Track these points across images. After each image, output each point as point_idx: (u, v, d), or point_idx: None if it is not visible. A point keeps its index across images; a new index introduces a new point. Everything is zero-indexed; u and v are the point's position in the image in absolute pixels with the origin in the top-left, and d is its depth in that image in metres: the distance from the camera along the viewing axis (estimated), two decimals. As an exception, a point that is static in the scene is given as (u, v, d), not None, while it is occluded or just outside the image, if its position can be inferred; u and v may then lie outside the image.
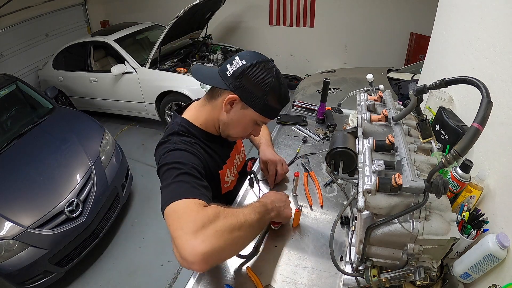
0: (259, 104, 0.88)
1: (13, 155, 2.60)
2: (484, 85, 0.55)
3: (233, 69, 0.87)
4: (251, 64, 0.85)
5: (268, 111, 0.91)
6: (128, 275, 2.48)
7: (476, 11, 1.07)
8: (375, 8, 4.45)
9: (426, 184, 0.59)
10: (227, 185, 1.08)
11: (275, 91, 0.88)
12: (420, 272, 0.66)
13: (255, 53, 0.90)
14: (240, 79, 0.86)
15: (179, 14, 3.50)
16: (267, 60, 0.89)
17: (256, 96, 0.87)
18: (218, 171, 1.01)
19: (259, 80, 0.85)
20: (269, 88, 0.86)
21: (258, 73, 0.85)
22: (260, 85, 0.86)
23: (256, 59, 0.87)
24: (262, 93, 0.87)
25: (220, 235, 0.64)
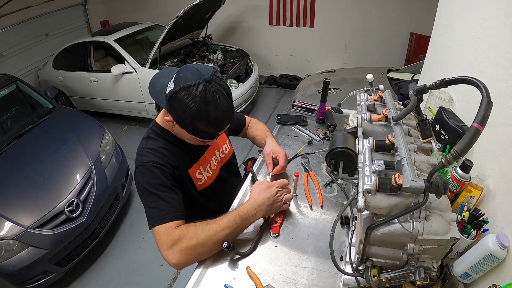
0: (190, 128, 0.90)
1: (13, 155, 2.60)
2: (484, 85, 0.55)
3: (168, 89, 0.88)
4: (176, 90, 0.84)
5: (201, 134, 0.92)
6: (128, 275, 2.48)
7: (476, 11, 1.07)
8: (375, 8, 4.45)
9: (426, 184, 0.59)
10: (201, 182, 1.11)
11: (201, 117, 0.85)
12: (420, 272, 0.66)
13: (190, 72, 0.86)
14: (170, 103, 0.87)
15: (179, 14, 3.50)
16: (197, 82, 0.83)
17: (185, 121, 0.88)
18: (187, 170, 1.05)
19: (183, 106, 0.84)
20: (193, 115, 0.85)
21: (182, 100, 0.84)
22: (185, 112, 0.85)
23: (184, 81, 0.84)
24: (189, 118, 0.86)
25: (184, 253, 0.87)
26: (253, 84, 4.22)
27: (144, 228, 2.89)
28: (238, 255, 0.95)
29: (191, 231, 0.89)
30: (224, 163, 1.24)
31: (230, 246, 0.91)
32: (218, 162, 1.20)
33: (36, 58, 5.03)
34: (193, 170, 1.07)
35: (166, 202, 0.92)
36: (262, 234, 1.02)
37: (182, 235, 0.88)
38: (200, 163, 1.10)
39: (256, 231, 1.03)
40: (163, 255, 0.89)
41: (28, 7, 4.82)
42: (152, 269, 2.50)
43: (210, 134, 0.93)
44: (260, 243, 1.00)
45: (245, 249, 0.97)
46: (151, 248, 2.66)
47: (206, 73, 0.85)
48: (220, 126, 0.91)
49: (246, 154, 3.68)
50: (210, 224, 0.92)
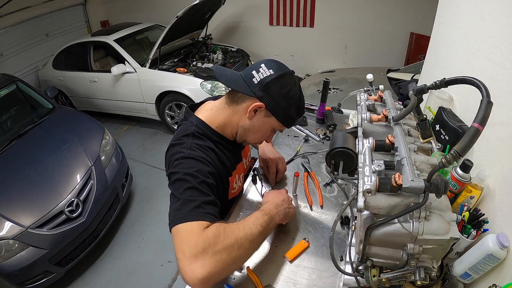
0: (282, 114, 0.92)
1: (13, 155, 2.60)
2: (484, 85, 0.55)
3: (260, 77, 0.88)
4: (279, 75, 0.88)
5: (288, 120, 0.95)
6: (128, 275, 2.48)
7: (476, 11, 1.07)
8: (375, 8, 4.45)
9: (426, 184, 0.59)
10: (234, 191, 1.08)
11: (297, 102, 0.92)
12: (420, 272, 0.66)
13: (280, 63, 0.92)
14: (268, 88, 0.88)
15: (179, 14, 3.50)
16: (291, 71, 0.92)
17: (281, 106, 0.90)
18: (228, 177, 1.01)
19: (286, 91, 0.89)
20: (293, 99, 0.91)
21: (286, 84, 0.89)
22: (286, 96, 0.89)
23: (282, 70, 0.89)
24: (287, 103, 0.90)
25: (219, 258, 0.67)
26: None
27: (144, 228, 2.91)
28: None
29: (226, 229, 0.72)
30: (246, 172, 1.21)
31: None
32: (244, 170, 1.17)
33: (36, 58, 5.03)
34: (233, 178, 1.03)
35: (206, 200, 0.77)
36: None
37: (217, 233, 0.70)
38: (237, 171, 1.06)
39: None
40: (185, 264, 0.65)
41: (28, 7, 4.82)
42: (152, 269, 2.50)
43: (293, 120, 0.98)
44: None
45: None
46: (151, 248, 2.67)
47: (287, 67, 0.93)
48: (302, 114, 0.99)
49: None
50: (241, 223, 0.80)
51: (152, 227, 2.83)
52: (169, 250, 2.55)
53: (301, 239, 1.00)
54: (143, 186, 3.34)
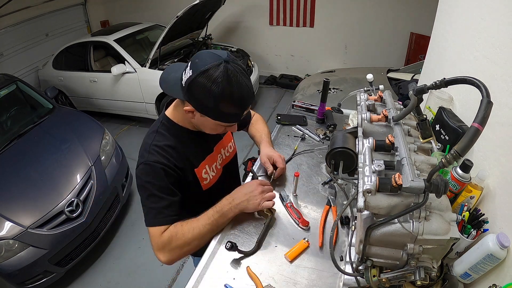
0: (213, 113, 0.87)
1: (13, 155, 2.60)
2: (484, 85, 0.55)
3: (185, 79, 0.85)
4: (197, 74, 0.81)
5: (225, 117, 0.89)
6: (128, 275, 2.48)
7: (476, 11, 1.07)
8: (375, 8, 4.45)
9: (426, 184, 0.59)
10: (206, 182, 1.10)
11: (226, 98, 0.83)
12: (420, 272, 0.66)
13: (207, 55, 0.84)
14: (190, 91, 0.85)
15: (179, 14, 3.50)
16: (216, 63, 0.81)
17: (207, 106, 0.85)
18: (194, 169, 1.04)
19: (206, 90, 0.82)
20: (218, 98, 0.82)
21: (203, 85, 0.81)
22: (208, 97, 0.83)
23: (203, 65, 0.81)
24: (213, 102, 0.83)
25: (173, 253, 0.95)
26: (253, 84, 4.21)
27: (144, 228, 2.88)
28: (241, 254, 0.95)
29: (178, 232, 0.94)
30: (227, 162, 1.23)
31: (233, 247, 0.92)
32: (223, 160, 1.19)
33: (36, 58, 5.03)
34: (200, 170, 1.05)
35: (164, 205, 0.94)
36: (265, 232, 1.02)
37: (171, 237, 0.93)
38: (207, 161, 1.08)
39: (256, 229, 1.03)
40: (155, 253, 0.96)
41: (28, 7, 4.82)
42: (152, 269, 2.50)
43: (235, 115, 0.90)
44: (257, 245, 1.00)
45: (247, 248, 0.97)
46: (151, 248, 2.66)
47: (222, 55, 0.83)
48: (244, 105, 0.89)
49: (246, 154, 3.68)
50: (193, 223, 0.96)
51: (152, 227, 2.82)
52: (169, 250, 2.55)
53: (301, 239, 1.00)
54: (143, 186, 3.33)
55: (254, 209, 1.03)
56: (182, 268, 2.48)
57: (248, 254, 0.96)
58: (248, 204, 1.00)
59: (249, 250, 0.96)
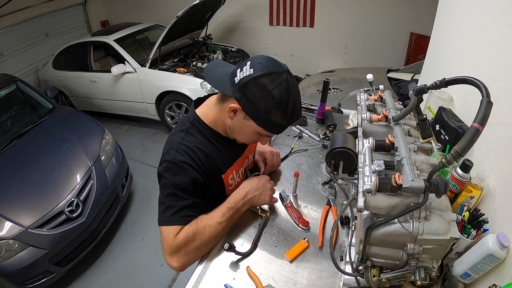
0: (261, 119, 0.83)
1: (13, 155, 2.60)
2: (484, 85, 0.55)
3: (241, 76, 0.81)
4: (259, 75, 0.79)
5: (271, 126, 0.86)
6: (128, 275, 2.48)
7: (476, 11, 1.07)
8: (375, 8, 4.45)
9: (426, 184, 0.59)
10: (231, 187, 1.07)
11: (281, 107, 0.81)
12: (420, 272, 0.66)
13: (269, 60, 0.83)
14: (244, 89, 0.81)
15: (179, 14, 3.50)
16: (280, 71, 0.80)
17: (259, 110, 0.82)
18: (221, 175, 1.00)
19: (264, 94, 0.79)
20: (274, 104, 0.80)
21: (265, 86, 0.79)
22: (265, 100, 0.80)
23: (266, 68, 0.79)
24: (266, 108, 0.81)
25: (188, 255, 0.90)
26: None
27: (144, 228, 2.91)
28: (239, 256, 0.95)
29: (194, 232, 0.89)
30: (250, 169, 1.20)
31: (232, 247, 0.92)
32: (248, 166, 1.16)
33: (36, 58, 5.03)
34: (227, 175, 1.02)
35: (184, 205, 0.90)
36: (261, 233, 1.03)
37: (187, 238, 0.88)
38: (234, 167, 1.05)
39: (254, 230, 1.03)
40: (166, 258, 0.90)
41: (28, 7, 4.82)
42: (152, 269, 2.50)
43: (280, 127, 0.87)
44: (260, 243, 1.00)
45: (244, 249, 0.97)
46: (151, 248, 2.67)
47: (284, 65, 0.83)
48: (293, 120, 0.86)
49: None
50: (208, 220, 0.92)
51: (152, 227, 2.82)
52: (169, 250, 2.55)
53: (301, 239, 1.00)
54: (143, 186, 3.34)
55: (263, 203, 1.04)
56: (182, 268, 2.47)
57: (245, 255, 0.96)
58: (259, 198, 1.01)
59: (245, 252, 0.96)
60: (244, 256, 0.95)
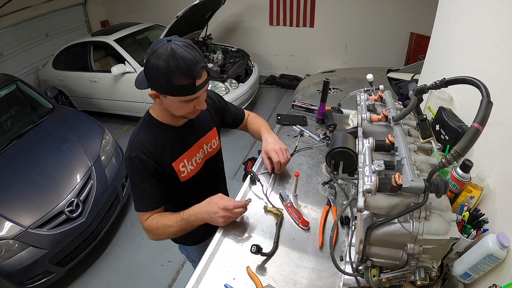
0: (171, 89, 0.92)
1: (13, 155, 2.59)
2: (484, 85, 0.55)
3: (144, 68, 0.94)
4: (148, 58, 0.90)
5: (181, 91, 0.93)
6: (128, 275, 2.48)
7: (476, 11, 1.07)
8: (375, 8, 4.45)
9: (426, 184, 0.59)
10: (184, 174, 1.14)
11: (174, 71, 0.88)
12: (420, 272, 0.66)
13: (155, 41, 0.92)
14: (147, 75, 0.93)
15: (179, 14, 3.50)
16: (160, 45, 0.89)
17: (164, 85, 0.91)
18: (171, 164, 1.10)
19: (155, 68, 0.88)
20: (166, 72, 0.88)
21: (153, 64, 0.88)
22: (159, 74, 0.89)
23: (151, 50, 0.90)
24: (166, 79, 0.89)
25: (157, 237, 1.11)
26: (253, 84, 4.22)
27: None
28: (264, 257, 0.95)
29: (154, 224, 1.07)
30: (210, 157, 1.26)
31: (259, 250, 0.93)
32: (205, 155, 1.23)
33: (36, 58, 5.03)
34: (177, 163, 1.11)
35: (146, 194, 1.07)
36: (279, 231, 1.03)
37: (151, 226, 1.07)
38: (185, 156, 1.13)
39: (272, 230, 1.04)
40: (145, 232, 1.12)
41: (28, 7, 4.81)
42: (152, 269, 2.50)
43: (189, 86, 0.92)
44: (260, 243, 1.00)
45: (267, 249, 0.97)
46: (151, 248, 2.67)
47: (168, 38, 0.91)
48: (193, 73, 0.90)
49: (246, 154, 3.68)
50: (164, 220, 1.06)
51: (152, 227, 2.82)
52: (169, 250, 2.55)
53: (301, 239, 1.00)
54: (143, 186, 3.33)
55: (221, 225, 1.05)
56: (182, 268, 2.48)
57: (270, 255, 0.96)
58: (211, 220, 1.03)
59: (269, 251, 0.96)
60: (269, 257, 0.96)
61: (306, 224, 1.05)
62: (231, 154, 3.48)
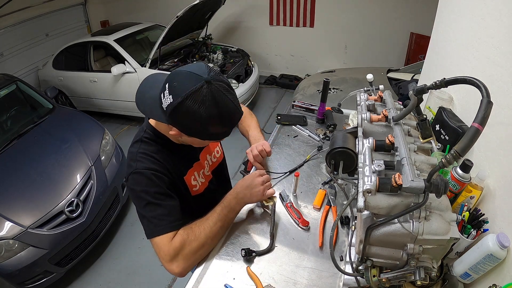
0: (202, 134, 0.84)
1: (13, 155, 2.59)
2: (484, 85, 0.55)
3: (165, 104, 0.80)
4: (179, 102, 0.76)
5: (215, 136, 0.87)
6: (128, 275, 2.48)
7: (476, 11, 1.07)
8: (375, 8, 4.45)
9: (426, 184, 0.59)
10: (196, 189, 1.07)
11: (215, 120, 0.80)
12: (420, 272, 0.66)
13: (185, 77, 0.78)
14: (174, 117, 0.80)
15: (179, 14, 3.50)
16: (198, 87, 0.76)
17: (196, 129, 0.82)
18: (183, 177, 1.02)
19: (193, 117, 0.78)
20: (207, 121, 0.79)
21: (190, 111, 0.77)
22: (196, 122, 0.79)
23: (183, 91, 0.76)
24: (202, 126, 0.81)
25: (188, 259, 0.89)
26: (253, 84, 4.22)
27: (144, 228, 2.90)
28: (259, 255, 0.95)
29: (190, 235, 0.90)
30: (215, 167, 1.21)
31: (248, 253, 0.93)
32: (210, 166, 1.17)
33: (36, 58, 5.03)
34: (188, 177, 1.04)
35: (165, 211, 0.89)
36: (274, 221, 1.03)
37: (183, 241, 0.88)
38: (195, 169, 1.07)
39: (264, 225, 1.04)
40: (166, 266, 0.88)
41: (28, 7, 4.81)
42: (152, 269, 2.50)
43: (225, 133, 0.87)
44: (260, 243, 1.00)
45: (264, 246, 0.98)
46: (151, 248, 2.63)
47: (202, 73, 0.78)
48: (234, 123, 0.86)
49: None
50: (204, 223, 0.94)
51: (152, 227, 2.82)
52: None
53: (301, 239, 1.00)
54: (143, 186, 3.33)
55: (258, 200, 1.04)
56: (182, 268, 2.48)
57: (265, 252, 0.96)
58: (252, 196, 1.01)
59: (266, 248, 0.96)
60: (264, 253, 0.96)
61: (306, 224, 1.05)
62: (231, 154, 3.48)
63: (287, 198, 1.15)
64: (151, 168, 0.90)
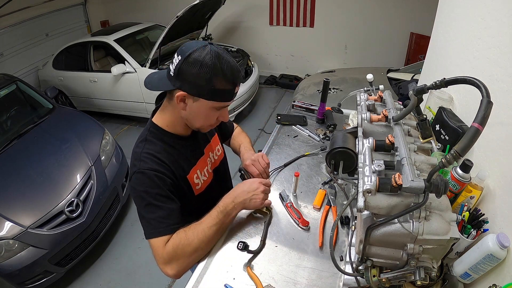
0: (207, 92, 0.86)
1: (13, 155, 2.59)
2: (484, 85, 0.55)
3: (173, 67, 0.86)
4: (186, 56, 0.83)
5: (219, 95, 0.88)
6: (128, 275, 2.48)
7: (476, 10, 1.07)
8: (375, 8, 4.45)
9: (426, 184, 0.59)
10: (198, 187, 1.07)
11: (218, 72, 0.84)
12: (420, 272, 0.66)
13: (190, 43, 0.87)
14: (181, 75, 0.85)
15: (179, 14, 3.50)
16: (203, 45, 0.84)
17: (201, 86, 0.85)
18: (186, 176, 1.02)
19: (198, 66, 0.82)
20: (210, 71, 0.83)
21: (196, 60, 0.82)
22: (201, 72, 0.83)
23: (190, 48, 0.84)
24: (206, 79, 0.84)
25: (182, 263, 0.91)
26: (253, 84, 4.22)
27: (144, 228, 2.90)
28: (251, 254, 0.95)
29: (183, 239, 0.90)
30: (217, 165, 1.21)
31: (246, 247, 0.93)
32: (212, 164, 1.17)
33: (36, 58, 5.03)
34: (191, 176, 1.03)
35: (165, 214, 0.90)
36: (267, 229, 1.03)
37: (175, 245, 0.89)
38: (198, 166, 1.07)
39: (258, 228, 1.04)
40: (161, 268, 0.91)
41: (28, 7, 4.81)
42: (152, 269, 2.50)
43: (229, 92, 0.89)
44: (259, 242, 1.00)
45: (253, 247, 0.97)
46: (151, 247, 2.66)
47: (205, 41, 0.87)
48: (236, 80, 0.88)
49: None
50: (198, 226, 0.93)
51: (152, 227, 2.82)
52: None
53: (301, 239, 1.00)
54: (143, 186, 3.33)
55: (255, 207, 1.03)
56: (182, 268, 2.48)
57: (256, 252, 0.96)
58: (250, 202, 1.00)
59: (256, 249, 0.96)
60: (255, 254, 0.96)
61: (306, 224, 1.05)
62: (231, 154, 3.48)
63: (287, 198, 1.15)
64: (154, 169, 0.91)
